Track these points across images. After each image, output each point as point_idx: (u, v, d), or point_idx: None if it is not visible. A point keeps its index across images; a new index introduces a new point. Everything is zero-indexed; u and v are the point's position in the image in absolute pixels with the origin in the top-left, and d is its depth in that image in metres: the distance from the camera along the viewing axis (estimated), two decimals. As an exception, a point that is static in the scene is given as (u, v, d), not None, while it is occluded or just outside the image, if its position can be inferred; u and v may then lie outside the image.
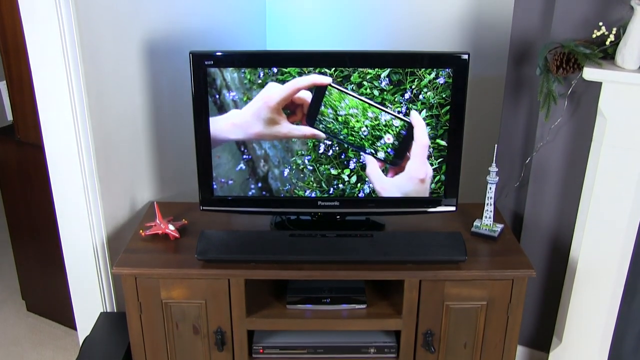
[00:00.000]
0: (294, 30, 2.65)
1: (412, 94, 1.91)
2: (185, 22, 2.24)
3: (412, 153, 1.96)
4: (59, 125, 1.94)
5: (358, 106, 1.91)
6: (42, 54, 1.87)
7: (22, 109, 2.38)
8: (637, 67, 1.73)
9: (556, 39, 1.90)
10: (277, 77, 1.90)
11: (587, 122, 1.94)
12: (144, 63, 2.13)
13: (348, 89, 1.90)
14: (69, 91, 1.89)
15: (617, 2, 1.80)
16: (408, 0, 2.46)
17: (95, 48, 1.93)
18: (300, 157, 1.99)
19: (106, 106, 2.03)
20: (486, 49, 2.38)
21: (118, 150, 2.12)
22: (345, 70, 1.89)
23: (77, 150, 1.96)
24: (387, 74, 1.89)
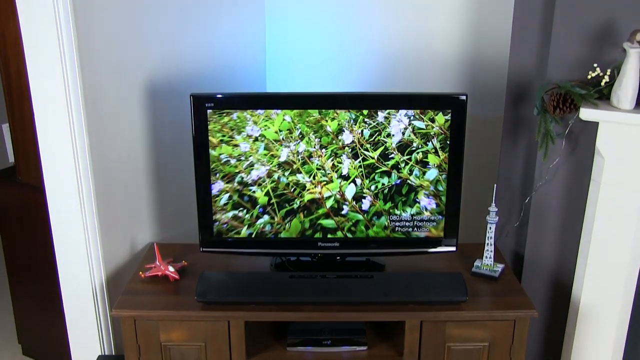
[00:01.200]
0: (293, 71, 2.68)
1: (411, 134, 1.93)
2: (186, 64, 2.27)
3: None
4: (60, 167, 1.96)
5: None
6: (44, 96, 1.89)
7: (24, 150, 2.40)
8: (633, 108, 1.75)
9: (552, 79, 1.92)
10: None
11: (586, 162, 1.96)
12: (145, 105, 2.15)
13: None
14: (71, 133, 1.91)
15: (611, 44, 1.83)
16: (406, 42, 2.50)
17: (97, 90, 1.95)
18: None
19: (107, 148, 2.04)
20: (484, 90, 2.41)
21: (118, 192, 2.13)
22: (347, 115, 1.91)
23: (77, 192, 1.97)
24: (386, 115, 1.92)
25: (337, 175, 1.99)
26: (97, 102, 1.96)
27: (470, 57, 2.44)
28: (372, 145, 1.96)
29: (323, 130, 1.95)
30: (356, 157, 1.97)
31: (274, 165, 1.98)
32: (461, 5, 2.40)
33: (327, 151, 1.97)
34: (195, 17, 2.28)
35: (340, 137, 1.96)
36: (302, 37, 2.63)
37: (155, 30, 2.13)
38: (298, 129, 1.95)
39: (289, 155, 1.97)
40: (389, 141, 1.96)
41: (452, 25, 2.44)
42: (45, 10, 1.78)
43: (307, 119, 1.94)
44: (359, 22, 2.55)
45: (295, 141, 1.96)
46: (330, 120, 1.94)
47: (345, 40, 2.58)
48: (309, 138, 1.96)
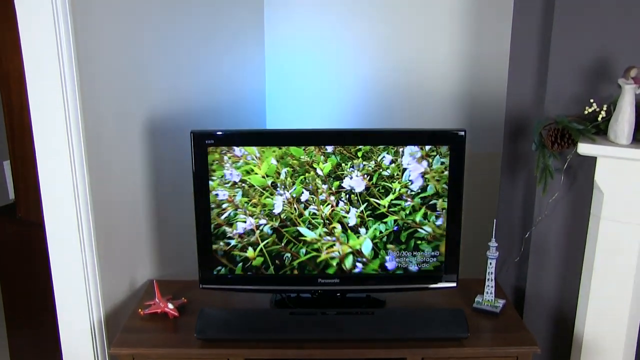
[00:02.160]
0: (293, 108, 2.71)
1: (411, 172, 1.94)
2: (187, 102, 2.30)
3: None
4: (61, 203, 1.96)
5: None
6: (46, 132, 1.90)
7: (25, 187, 2.40)
8: (630, 142, 1.77)
9: (550, 115, 1.94)
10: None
11: (585, 196, 1.96)
12: (146, 141, 2.17)
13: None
14: (72, 169, 1.92)
15: (606, 80, 1.86)
16: (404, 79, 2.53)
17: (98, 126, 1.97)
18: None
19: (108, 184, 2.05)
20: (482, 126, 2.43)
21: (118, 228, 2.12)
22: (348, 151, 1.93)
23: (77, 228, 1.97)
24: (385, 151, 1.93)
25: (343, 227, 1.98)
26: (98, 138, 1.98)
27: (468, 93, 2.47)
28: (379, 189, 1.96)
29: (314, 173, 1.94)
30: (353, 202, 1.96)
31: (265, 214, 1.96)
32: (459, 42, 2.44)
33: (325, 198, 1.96)
34: (196, 55, 2.32)
35: (330, 179, 1.95)
36: (301, 75, 2.67)
37: (156, 69, 2.16)
38: (285, 173, 1.93)
39: (284, 205, 1.96)
40: (395, 185, 1.95)
41: (450, 61, 2.47)
42: (48, 48, 1.81)
43: (292, 161, 1.93)
44: (356, 59, 2.59)
45: (286, 187, 1.95)
46: (321, 163, 1.93)
47: (344, 77, 2.61)
48: (304, 181, 1.95)
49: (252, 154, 1.93)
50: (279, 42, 2.65)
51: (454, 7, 2.41)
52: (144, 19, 2.08)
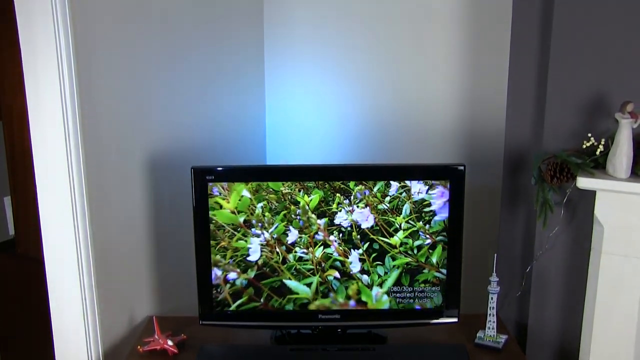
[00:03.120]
0: (293, 144, 2.73)
1: (411, 207, 1.94)
2: (188, 137, 2.31)
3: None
4: (60, 239, 1.96)
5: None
6: (47, 169, 1.91)
7: (25, 222, 2.41)
8: (628, 176, 1.77)
9: (548, 149, 1.95)
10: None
11: (585, 230, 1.96)
12: (146, 177, 2.18)
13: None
14: (72, 206, 1.92)
15: (603, 114, 1.87)
16: (402, 114, 2.55)
17: (99, 163, 1.98)
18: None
19: (108, 220, 2.05)
20: (481, 160, 2.44)
21: (118, 264, 2.12)
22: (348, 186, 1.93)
23: (77, 265, 1.96)
24: (386, 187, 1.93)
25: (342, 274, 1.91)
26: (99, 175, 1.98)
27: (467, 128, 2.48)
28: (382, 226, 1.93)
29: (296, 208, 1.86)
30: (354, 242, 1.92)
31: (236, 261, 1.88)
32: (457, 78, 2.47)
33: (321, 238, 1.89)
34: (197, 92, 2.34)
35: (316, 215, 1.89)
36: (301, 111, 2.69)
37: (158, 105, 2.18)
38: (262, 208, 1.82)
39: (262, 248, 1.87)
40: (398, 219, 1.92)
41: (449, 96, 2.50)
42: (51, 85, 1.83)
43: (269, 195, 1.82)
44: (356, 96, 2.62)
45: (264, 225, 1.84)
46: (306, 196, 1.86)
47: (344, 113, 2.64)
48: (288, 217, 1.85)
49: (219, 184, 1.86)
50: (279, 79, 2.68)
51: (452, 44, 2.44)
52: (146, 57, 2.11)
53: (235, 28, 2.53)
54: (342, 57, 2.60)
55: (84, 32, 1.84)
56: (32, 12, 1.79)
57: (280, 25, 2.66)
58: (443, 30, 2.45)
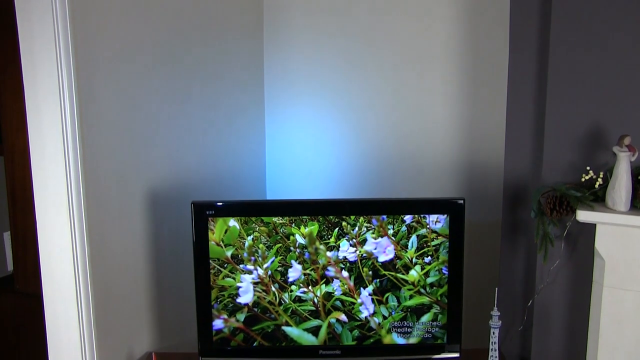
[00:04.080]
0: (293, 178, 2.73)
1: (410, 241, 1.94)
2: (188, 173, 2.32)
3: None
4: (60, 274, 1.95)
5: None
6: (47, 205, 1.92)
7: (24, 258, 2.40)
8: (628, 209, 1.78)
9: (547, 182, 1.96)
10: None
11: (586, 263, 1.95)
12: (147, 212, 2.18)
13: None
14: (72, 241, 1.92)
15: (601, 148, 1.88)
16: (401, 149, 2.57)
17: (99, 198, 1.98)
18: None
19: (107, 255, 2.04)
20: (481, 194, 2.45)
21: (117, 300, 2.10)
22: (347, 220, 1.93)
23: (75, 301, 1.95)
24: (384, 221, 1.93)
25: (349, 317, 1.84)
26: (99, 210, 1.99)
27: (466, 162, 2.50)
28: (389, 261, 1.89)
29: (293, 239, 1.78)
30: (365, 279, 1.86)
31: (223, 303, 1.77)
32: (456, 113, 2.49)
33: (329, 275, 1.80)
34: (198, 127, 2.36)
35: (323, 252, 1.81)
36: (300, 145, 2.71)
37: (159, 140, 2.19)
38: (253, 240, 1.71)
39: (254, 287, 1.77)
40: (408, 254, 1.88)
41: (448, 131, 2.52)
42: (53, 121, 1.84)
43: (261, 227, 1.69)
44: (354, 130, 2.64)
45: (256, 260, 1.73)
46: (302, 227, 1.80)
47: (343, 147, 2.65)
48: (285, 250, 1.75)
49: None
50: (279, 115, 2.70)
51: (451, 79, 2.47)
52: (148, 94, 2.13)
53: (236, 65, 2.56)
54: (340, 93, 2.63)
55: (86, 68, 1.87)
56: (35, 48, 1.81)
57: (280, 63, 2.70)
58: (441, 65, 2.49)
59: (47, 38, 1.78)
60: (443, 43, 2.46)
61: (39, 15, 1.78)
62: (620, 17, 1.83)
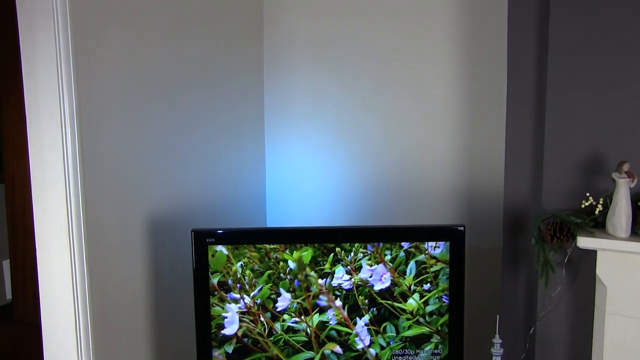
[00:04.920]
0: (293, 205, 2.74)
1: (410, 269, 1.93)
2: (188, 199, 2.32)
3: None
4: (59, 305, 1.94)
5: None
6: (47, 234, 1.91)
7: (23, 287, 2.39)
8: (628, 235, 1.77)
9: (547, 209, 1.96)
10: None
11: (588, 290, 1.94)
12: (147, 239, 2.17)
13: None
14: (71, 270, 1.91)
15: (600, 174, 1.89)
16: (402, 177, 2.57)
17: (99, 226, 1.98)
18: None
19: (107, 284, 2.03)
20: (481, 221, 2.44)
21: (117, 329, 2.09)
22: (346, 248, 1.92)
23: (74, 330, 1.94)
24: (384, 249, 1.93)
25: (345, 347, 1.76)
26: (99, 238, 1.98)
27: (466, 189, 2.50)
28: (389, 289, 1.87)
29: (284, 265, 1.73)
30: (361, 309, 1.82)
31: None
32: (455, 139, 2.50)
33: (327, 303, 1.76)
34: (198, 155, 2.37)
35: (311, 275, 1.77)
36: (300, 172, 2.71)
37: (159, 168, 2.20)
38: (242, 266, 1.66)
39: (241, 317, 1.71)
40: (406, 281, 1.87)
41: (447, 158, 2.52)
42: (54, 148, 1.85)
43: (251, 253, 1.63)
44: (354, 158, 2.64)
45: (244, 288, 1.64)
46: (295, 252, 1.75)
47: (343, 175, 2.66)
48: (275, 278, 1.70)
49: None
50: (279, 143, 2.71)
51: (450, 104, 2.49)
52: (148, 119, 2.14)
53: (237, 93, 2.58)
54: (340, 121, 2.65)
55: (87, 97, 1.88)
56: (38, 78, 1.83)
57: (280, 91, 2.72)
58: (441, 93, 2.51)
59: (50, 68, 1.80)
60: (442, 71, 2.49)
61: (42, 45, 1.80)
62: (619, 44, 1.85)
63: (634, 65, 1.85)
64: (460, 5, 2.43)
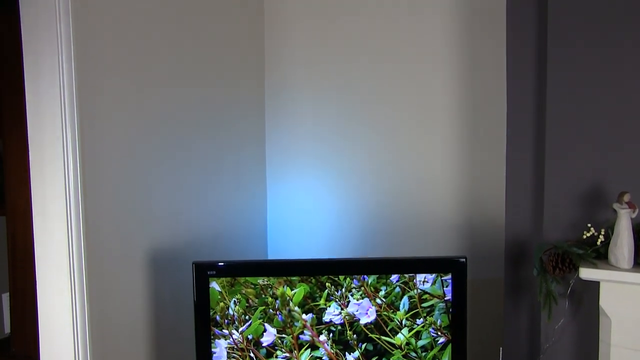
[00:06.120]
0: (295, 237, 2.73)
1: (412, 301, 1.92)
2: (190, 232, 2.32)
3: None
4: (59, 338, 1.92)
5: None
6: (48, 267, 1.91)
7: (21, 320, 2.37)
8: (631, 266, 1.77)
9: (549, 240, 1.96)
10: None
11: (592, 321, 1.92)
12: (147, 272, 2.17)
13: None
14: (72, 304, 1.90)
15: (601, 205, 1.89)
16: (402, 208, 2.57)
17: (100, 259, 1.98)
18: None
19: (108, 317, 2.02)
20: (482, 252, 2.44)
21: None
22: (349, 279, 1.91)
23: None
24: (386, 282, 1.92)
25: None
26: (99, 271, 1.98)
27: (467, 220, 2.50)
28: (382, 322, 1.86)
29: (274, 301, 1.71)
30: (351, 344, 1.80)
31: None
32: (456, 171, 2.51)
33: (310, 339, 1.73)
34: (199, 188, 2.37)
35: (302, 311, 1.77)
36: (302, 206, 2.72)
37: (160, 200, 2.20)
38: (236, 302, 1.66)
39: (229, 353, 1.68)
40: (398, 315, 1.86)
41: (448, 189, 2.53)
42: (56, 180, 1.86)
43: (247, 290, 1.62)
44: (356, 190, 2.65)
45: (235, 321, 1.65)
46: (289, 289, 1.75)
47: (344, 206, 2.66)
48: (268, 313, 1.66)
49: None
50: (280, 175, 2.72)
51: (450, 136, 2.50)
52: (149, 152, 2.15)
53: (238, 127, 2.60)
54: (341, 153, 2.66)
55: (89, 131, 1.90)
56: (42, 109, 1.85)
57: (281, 123, 2.74)
58: (441, 125, 2.52)
59: (53, 102, 1.82)
60: (442, 104, 2.51)
61: (46, 80, 1.83)
62: (617, 82, 1.87)
63: (634, 97, 1.86)
64: (460, 47, 2.46)
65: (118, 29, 1.98)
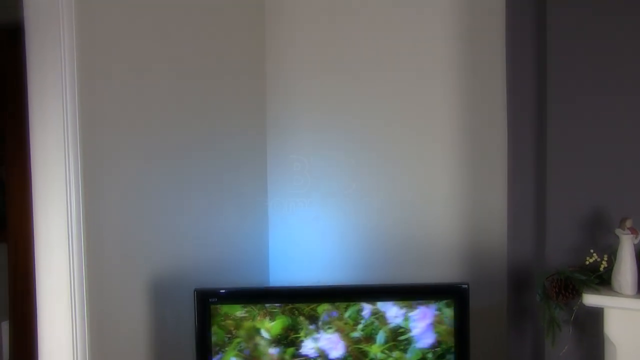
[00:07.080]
0: (296, 263, 2.72)
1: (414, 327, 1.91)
2: (191, 258, 2.31)
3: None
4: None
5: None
6: (49, 296, 1.90)
7: (22, 349, 2.35)
8: (635, 293, 1.75)
9: (551, 265, 1.95)
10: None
11: (597, 349, 1.91)
12: (148, 299, 2.15)
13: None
14: (72, 332, 1.89)
15: (603, 230, 1.89)
16: (403, 234, 2.56)
17: (101, 287, 1.97)
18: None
19: (108, 346, 2.00)
20: (485, 279, 2.42)
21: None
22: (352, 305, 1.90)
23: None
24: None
25: None
26: (100, 299, 1.96)
27: (469, 247, 2.48)
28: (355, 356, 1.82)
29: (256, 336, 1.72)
30: None
31: None
32: (457, 194, 2.50)
33: None
34: (200, 214, 2.37)
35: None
36: (303, 232, 2.71)
37: (162, 227, 2.20)
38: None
39: None
40: (373, 348, 1.84)
41: (449, 216, 2.52)
42: (58, 208, 1.86)
43: (227, 322, 1.65)
44: (357, 216, 2.64)
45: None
46: (267, 322, 1.74)
47: (346, 233, 2.65)
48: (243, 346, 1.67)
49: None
50: (282, 201, 2.72)
51: (452, 159, 2.49)
52: (151, 179, 2.16)
53: (240, 152, 2.61)
54: (342, 179, 2.66)
55: (91, 158, 1.90)
56: (45, 140, 1.86)
57: (282, 147, 2.74)
58: (442, 149, 2.52)
59: (57, 131, 1.83)
60: (444, 127, 2.50)
61: (49, 112, 1.84)
62: (619, 100, 1.89)
63: (635, 121, 1.87)
64: (460, 64, 2.48)
65: (121, 71, 2.00)
